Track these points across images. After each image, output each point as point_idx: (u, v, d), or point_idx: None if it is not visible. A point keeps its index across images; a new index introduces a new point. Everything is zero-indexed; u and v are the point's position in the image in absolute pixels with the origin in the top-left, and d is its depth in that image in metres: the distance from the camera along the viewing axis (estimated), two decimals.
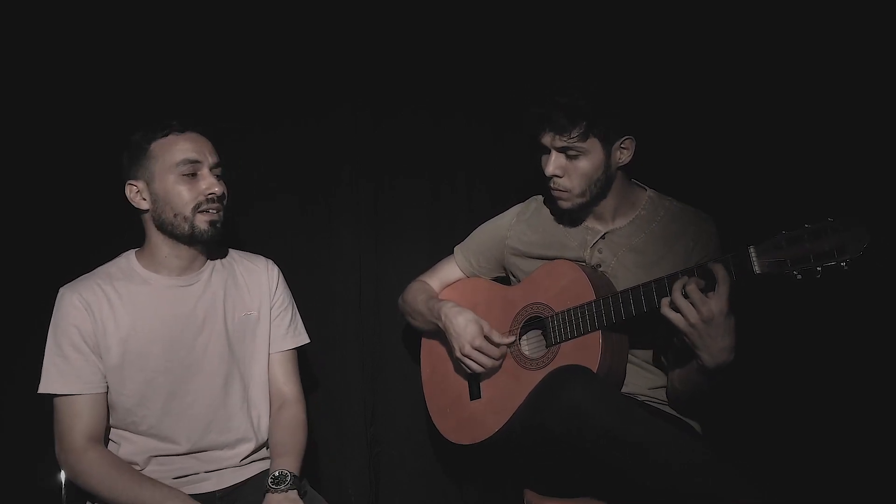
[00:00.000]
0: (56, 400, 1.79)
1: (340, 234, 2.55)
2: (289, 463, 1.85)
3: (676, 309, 1.68)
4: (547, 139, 1.92)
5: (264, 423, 1.98)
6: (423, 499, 2.54)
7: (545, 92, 1.89)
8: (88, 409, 1.79)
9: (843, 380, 2.31)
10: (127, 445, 1.85)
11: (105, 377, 1.82)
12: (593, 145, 1.89)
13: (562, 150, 1.91)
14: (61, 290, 1.85)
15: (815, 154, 2.35)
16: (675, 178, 2.20)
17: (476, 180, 2.63)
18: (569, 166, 1.93)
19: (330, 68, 2.53)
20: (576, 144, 1.88)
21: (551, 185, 1.98)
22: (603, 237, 2.03)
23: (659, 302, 1.73)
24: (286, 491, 1.77)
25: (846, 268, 1.49)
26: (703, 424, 2.01)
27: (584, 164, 1.91)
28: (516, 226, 2.18)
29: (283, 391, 2.02)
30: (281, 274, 2.09)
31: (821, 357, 2.34)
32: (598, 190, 1.96)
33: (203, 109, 2.34)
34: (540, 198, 2.20)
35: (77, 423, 1.77)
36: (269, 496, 1.77)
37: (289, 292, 2.10)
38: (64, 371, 1.78)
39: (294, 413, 2.00)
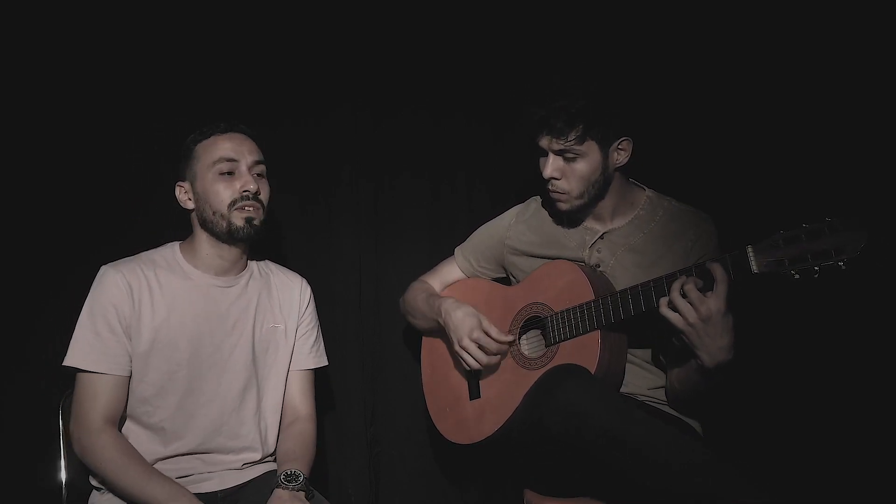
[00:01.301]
0: (80, 375, 1.79)
1: (340, 234, 2.56)
2: (299, 467, 1.86)
3: (675, 309, 1.68)
4: (544, 142, 1.92)
5: (272, 436, 1.99)
6: (423, 499, 2.54)
7: (542, 95, 1.89)
8: (110, 390, 1.79)
9: (843, 379, 2.30)
10: (134, 442, 1.83)
11: (131, 360, 1.82)
12: (590, 148, 1.90)
13: (559, 152, 1.92)
14: (103, 269, 1.85)
15: (814, 153, 2.35)
16: (673, 178, 2.20)
17: (476, 180, 2.63)
18: (566, 169, 1.93)
19: (330, 68, 2.53)
20: (573, 147, 1.89)
21: (549, 187, 1.98)
22: (601, 237, 2.03)
23: (657, 302, 1.73)
24: (296, 490, 1.77)
25: (844, 267, 1.49)
26: (703, 424, 2.00)
27: (581, 167, 1.92)
28: (515, 226, 2.19)
29: (298, 409, 2.04)
30: (312, 295, 2.12)
31: (820, 356, 2.33)
32: (596, 191, 1.96)
33: (203, 110, 2.34)
34: (539, 198, 2.21)
35: (97, 402, 1.77)
36: (279, 491, 1.76)
37: (316, 314, 2.13)
38: (95, 347, 1.79)
39: (306, 428, 2.01)
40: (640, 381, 1.98)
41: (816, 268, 1.52)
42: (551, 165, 1.94)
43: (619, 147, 1.93)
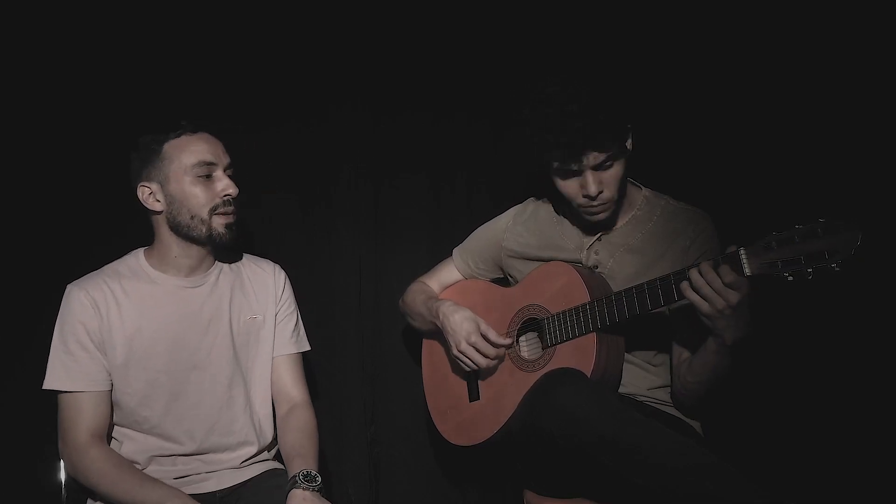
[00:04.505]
0: (60, 396, 1.81)
1: (340, 234, 2.56)
2: (311, 465, 1.85)
3: (704, 297, 1.64)
4: (587, 160, 1.82)
5: (266, 427, 1.99)
6: (423, 499, 2.54)
7: (559, 120, 1.79)
8: (92, 406, 1.80)
9: (842, 379, 2.29)
10: (129, 444, 1.86)
11: (109, 375, 1.83)
12: (622, 148, 1.87)
13: (597, 166, 1.85)
14: (68, 287, 1.85)
15: (807, 154, 2.33)
16: (669, 178, 2.17)
17: (476, 180, 2.62)
18: (603, 177, 1.86)
19: (330, 68, 2.53)
20: (612, 154, 1.84)
21: (592, 203, 1.89)
22: (599, 238, 2.02)
23: (678, 291, 1.70)
24: (315, 490, 1.76)
25: (837, 269, 1.47)
26: (703, 424, 2.00)
27: (617, 169, 1.87)
28: (513, 228, 2.18)
29: (292, 394, 2.03)
30: (288, 279, 2.11)
31: (818, 356, 2.32)
32: (624, 187, 1.94)
33: (203, 110, 2.34)
34: (537, 199, 2.20)
35: (80, 419, 1.78)
36: (298, 492, 1.73)
37: (294, 298, 2.11)
38: (69, 367, 1.80)
39: (307, 417, 2.00)
40: (640, 382, 1.98)
41: (810, 270, 1.50)
42: (594, 181, 1.85)
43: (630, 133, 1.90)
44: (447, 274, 2.32)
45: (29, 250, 2.27)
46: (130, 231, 2.13)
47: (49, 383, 1.80)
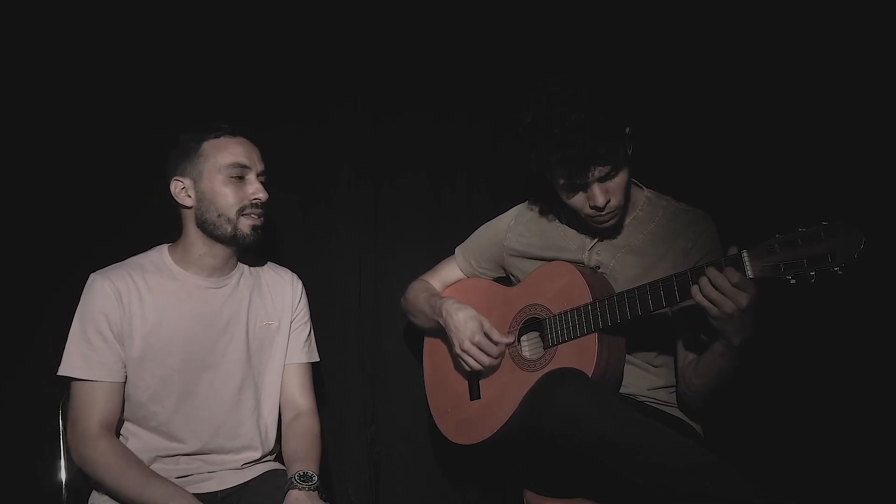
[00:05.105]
0: (74, 384, 1.81)
1: (340, 234, 2.56)
2: (311, 467, 1.86)
3: (712, 302, 1.64)
4: (591, 175, 1.83)
5: (271, 433, 2.00)
6: (423, 499, 2.54)
7: (560, 121, 1.79)
8: (105, 397, 1.80)
9: (839, 382, 2.30)
10: (134, 442, 1.85)
11: (125, 366, 1.83)
12: (624, 155, 1.87)
13: (603, 178, 1.84)
14: (92, 276, 1.86)
15: (810, 156, 2.34)
16: (670, 179, 2.18)
17: (476, 180, 2.62)
18: (609, 186, 1.86)
19: (330, 68, 2.53)
20: (616, 164, 1.84)
21: (599, 213, 1.89)
22: (601, 239, 2.02)
23: (680, 296, 1.70)
24: (311, 490, 1.77)
25: (840, 272, 1.47)
26: (704, 425, 2.00)
27: (622, 177, 1.87)
28: (515, 227, 2.18)
29: (299, 403, 2.04)
30: (304, 290, 2.13)
31: (820, 358, 2.33)
32: (628, 191, 1.94)
33: (203, 109, 2.34)
34: (539, 199, 2.19)
35: (93, 409, 1.79)
36: (294, 493, 1.75)
37: (308, 309, 2.13)
38: (87, 356, 1.80)
39: (311, 424, 2.01)
40: (640, 382, 1.98)
41: (812, 273, 1.50)
42: (601, 193, 1.85)
43: (630, 138, 1.90)
44: (449, 272, 2.33)
45: (26, 251, 2.27)
46: (131, 231, 2.15)
47: (65, 370, 1.80)
